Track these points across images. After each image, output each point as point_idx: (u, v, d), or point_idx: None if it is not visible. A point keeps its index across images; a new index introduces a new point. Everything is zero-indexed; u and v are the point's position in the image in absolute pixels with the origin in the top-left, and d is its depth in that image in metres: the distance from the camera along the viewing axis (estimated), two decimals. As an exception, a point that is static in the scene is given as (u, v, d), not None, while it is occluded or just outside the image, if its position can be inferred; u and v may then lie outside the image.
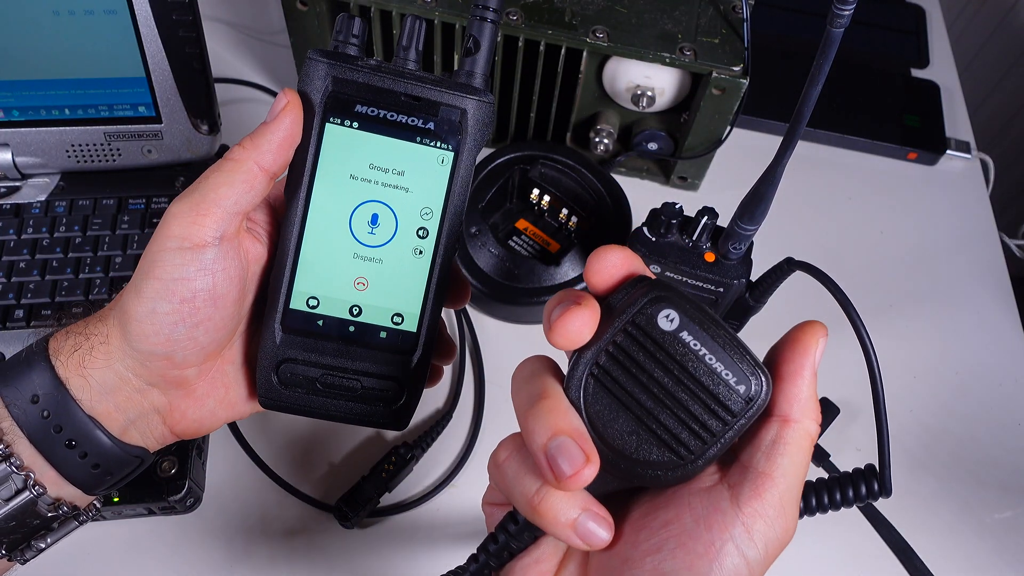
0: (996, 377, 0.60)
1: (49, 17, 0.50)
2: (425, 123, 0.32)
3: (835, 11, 0.33)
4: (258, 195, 0.32)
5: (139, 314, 0.30)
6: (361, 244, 0.33)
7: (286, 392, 0.33)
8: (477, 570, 0.29)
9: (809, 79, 0.37)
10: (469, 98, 0.32)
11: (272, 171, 0.31)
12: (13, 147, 0.56)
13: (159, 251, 0.30)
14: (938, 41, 0.83)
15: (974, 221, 0.70)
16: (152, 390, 0.32)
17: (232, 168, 0.31)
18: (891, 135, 0.73)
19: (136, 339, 0.31)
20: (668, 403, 0.26)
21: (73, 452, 0.31)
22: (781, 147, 0.40)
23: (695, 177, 0.67)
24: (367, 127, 0.32)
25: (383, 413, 0.34)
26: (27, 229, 0.55)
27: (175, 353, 0.31)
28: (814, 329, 0.27)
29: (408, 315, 0.34)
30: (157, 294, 0.30)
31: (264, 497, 0.52)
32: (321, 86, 0.31)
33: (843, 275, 0.67)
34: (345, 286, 0.33)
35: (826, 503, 0.34)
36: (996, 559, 0.52)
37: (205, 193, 0.30)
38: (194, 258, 0.30)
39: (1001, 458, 0.56)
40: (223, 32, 0.76)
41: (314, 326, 0.33)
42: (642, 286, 0.27)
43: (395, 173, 0.32)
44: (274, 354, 0.33)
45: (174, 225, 0.30)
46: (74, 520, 0.34)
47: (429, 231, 0.33)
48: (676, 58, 0.57)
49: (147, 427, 0.33)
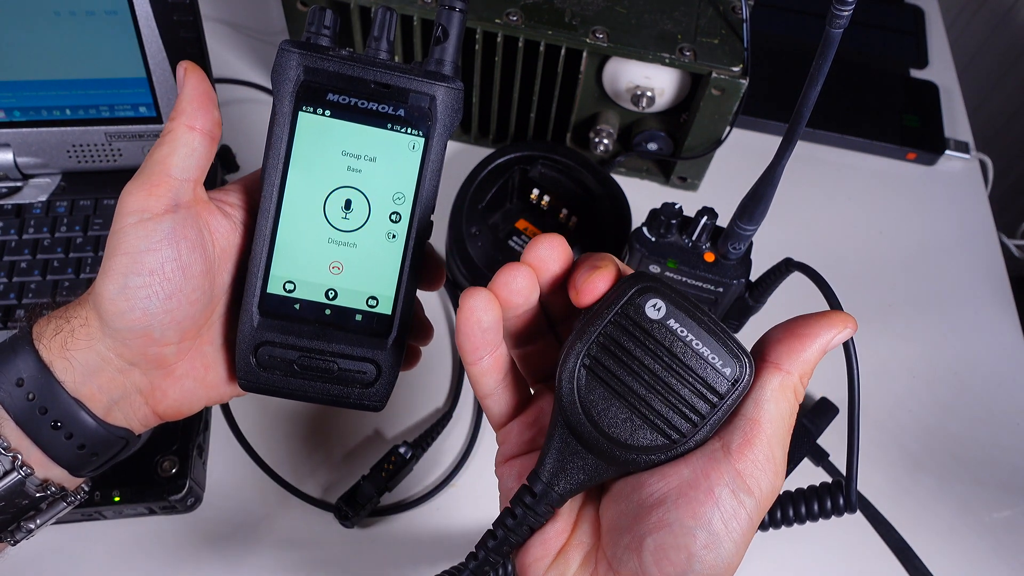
0: (995, 376, 0.60)
1: (50, 18, 0.50)
2: (395, 110, 0.33)
3: (834, 12, 0.33)
4: (202, 156, 0.33)
5: (112, 292, 0.31)
6: (335, 229, 0.34)
7: (264, 374, 0.34)
8: (496, 546, 0.30)
9: (808, 79, 0.37)
10: (438, 85, 0.33)
11: (205, 129, 0.33)
12: (14, 147, 0.56)
13: (121, 229, 0.31)
14: (937, 42, 0.83)
15: (973, 221, 0.70)
16: (133, 370, 0.33)
17: (170, 139, 0.32)
18: (890, 135, 0.73)
19: (113, 318, 0.31)
20: (659, 388, 0.27)
21: (59, 433, 0.32)
22: (780, 147, 0.41)
23: (695, 177, 0.67)
24: (339, 115, 0.33)
25: (360, 394, 0.35)
26: (28, 229, 0.55)
27: (152, 328, 0.32)
28: (846, 318, 0.28)
29: (383, 298, 0.34)
30: (127, 268, 0.31)
31: (265, 497, 0.52)
32: (293, 76, 0.32)
33: (842, 275, 0.68)
34: (320, 270, 0.34)
35: (791, 516, 0.34)
36: (995, 558, 0.52)
37: (152, 167, 0.32)
38: (155, 228, 0.31)
39: (1000, 457, 0.57)
40: (223, 32, 0.76)
41: (291, 309, 0.34)
42: (630, 278, 0.28)
43: (367, 159, 0.33)
44: (252, 337, 0.34)
45: (131, 201, 0.31)
46: (63, 501, 0.34)
47: (401, 215, 0.34)
48: (676, 59, 0.57)
49: (130, 408, 0.34)
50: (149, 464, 0.48)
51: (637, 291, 0.27)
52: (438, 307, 0.61)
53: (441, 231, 0.63)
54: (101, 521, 0.49)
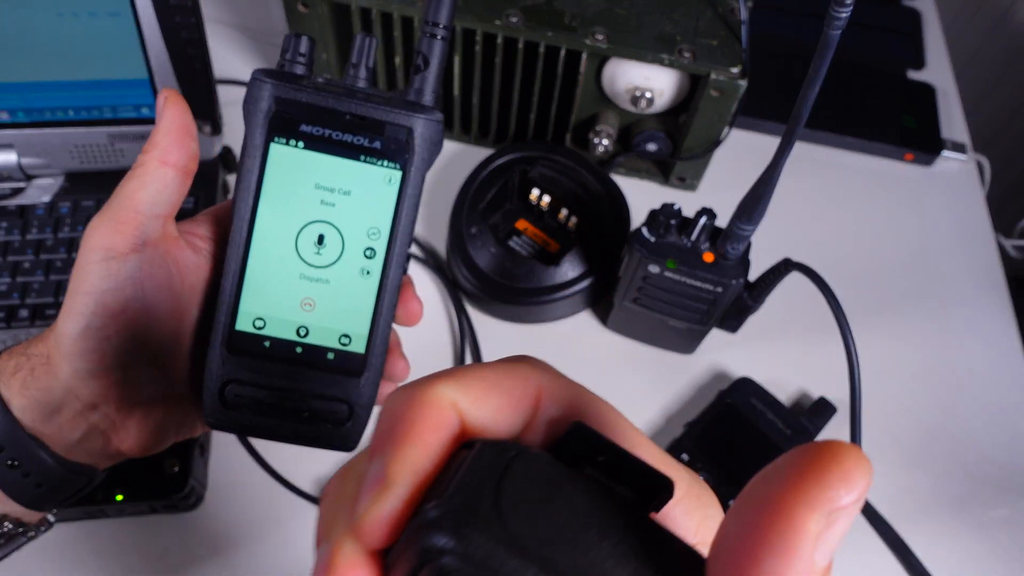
0: (992, 376, 0.61)
1: (53, 19, 0.51)
2: (371, 142, 0.31)
3: (832, 14, 0.33)
4: (174, 193, 0.31)
5: (73, 332, 0.30)
6: (307, 264, 0.32)
7: (232, 413, 0.33)
8: None
9: (806, 81, 0.37)
10: (417, 116, 0.31)
11: (180, 165, 0.31)
12: (18, 148, 0.56)
13: (84, 266, 0.30)
14: (934, 43, 0.83)
15: (970, 221, 0.70)
16: (95, 410, 0.32)
17: (140, 172, 0.31)
18: (888, 136, 0.73)
19: (73, 358, 0.30)
20: None
21: (15, 472, 0.31)
22: (779, 149, 0.41)
23: (694, 178, 0.68)
24: (312, 147, 0.31)
25: (332, 434, 0.34)
26: (32, 230, 0.55)
27: (113, 369, 0.31)
28: (854, 468, 0.13)
29: (356, 336, 0.33)
30: (88, 309, 0.30)
31: (267, 496, 0.52)
32: (265, 106, 0.31)
33: (840, 275, 0.68)
34: (292, 307, 0.33)
35: None
36: (992, 557, 0.53)
37: (120, 201, 0.30)
38: (119, 267, 0.30)
39: (997, 456, 0.57)
40: (226, 34, 0.76)
41: (260, 347, 0.33)
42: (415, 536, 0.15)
43: (341, 193, 0.32)
44: (219, 375, 0.32)
45: (96, 238, 0.30)
46: (22, 536, 0.33)
47: (376, 251, 0.33)
48: (675, 59, 0.57)
49: (93, 446, 0.33)
50: (152, 463, 0.48)
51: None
52: (439, 307, 0.61)
53: (441, 231, 0.63)
54: (103, 520, 0.50)
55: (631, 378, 0.59)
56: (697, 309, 0.52)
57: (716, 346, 0.59)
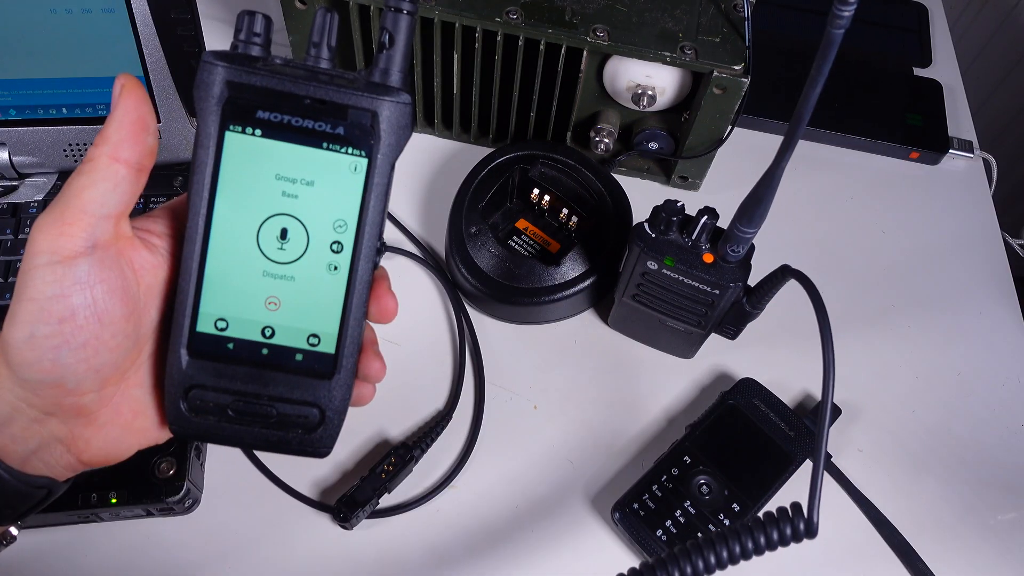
0: (999, 377, 0.60)
1: (46, 15, 0.50)
2: (333, 128, 0.30)
3: (835, 12, 0.32)
4: (126, 192, 0.29)
5: (18, 341, 0.28)
6: (271, 261, 0.31)
7: (196, 419, 0.31)
8: None
9: (808, 81, 0.36)
10: (382, 99, 0.30)
11: (132, 161, 0.29)
12: (10, 146, 0.56)
13: (29, 270, 0.28)
14: (941, 40, 0.82)
15: (977, 221, 0.69)
16: (50, 419, 0.30)
17: (90, 169, 0.29)
18: (893, 134, 0.72)
19: (21, 368, 0.29)
20: None
21: None
22: (780, 150, 0.40)
23: (696, 177, 0.67)
24: (271, 134, 0.30)
25: (302, 440, 0.32)
26: (24, 229, 0.55)
27: (65, 379, 0.29)
28: None
29: (325, 335, 0.32)
30: (33, 317, 0.28)
31: (263, 498, 0.51)
32: (217, 92, 0.29)
33: (845, 275, 0.67)
34: (255, 306, 0.31)
35: (737, 554, 0.32)
36: (1000, 561, 0.52)
37: (68, 200, 0.28)
38: (66, 272, 0.28)
39: (1004, 459, 0.56)
40: (221, 31, 0.75)
41: (223, 349, 0.31)
42: None
43: (303, 183, 0.30)
44: (181, 380, 0.31)
45: (41, 240, 0.28)
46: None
47: (344, 245, 0.31)
48: (677, 57, 0.56)
49: (51, 457, 0.31)
50: (146, 466, 0.48)
51: None
52: (438, 307, 0.60)
53: (441, 231, 0.63)
54: (98, 523, 0.49)
55: (633, 379, 0.58)
56: (695, 311, 0.51)
57: (719, 347, 0.58)
